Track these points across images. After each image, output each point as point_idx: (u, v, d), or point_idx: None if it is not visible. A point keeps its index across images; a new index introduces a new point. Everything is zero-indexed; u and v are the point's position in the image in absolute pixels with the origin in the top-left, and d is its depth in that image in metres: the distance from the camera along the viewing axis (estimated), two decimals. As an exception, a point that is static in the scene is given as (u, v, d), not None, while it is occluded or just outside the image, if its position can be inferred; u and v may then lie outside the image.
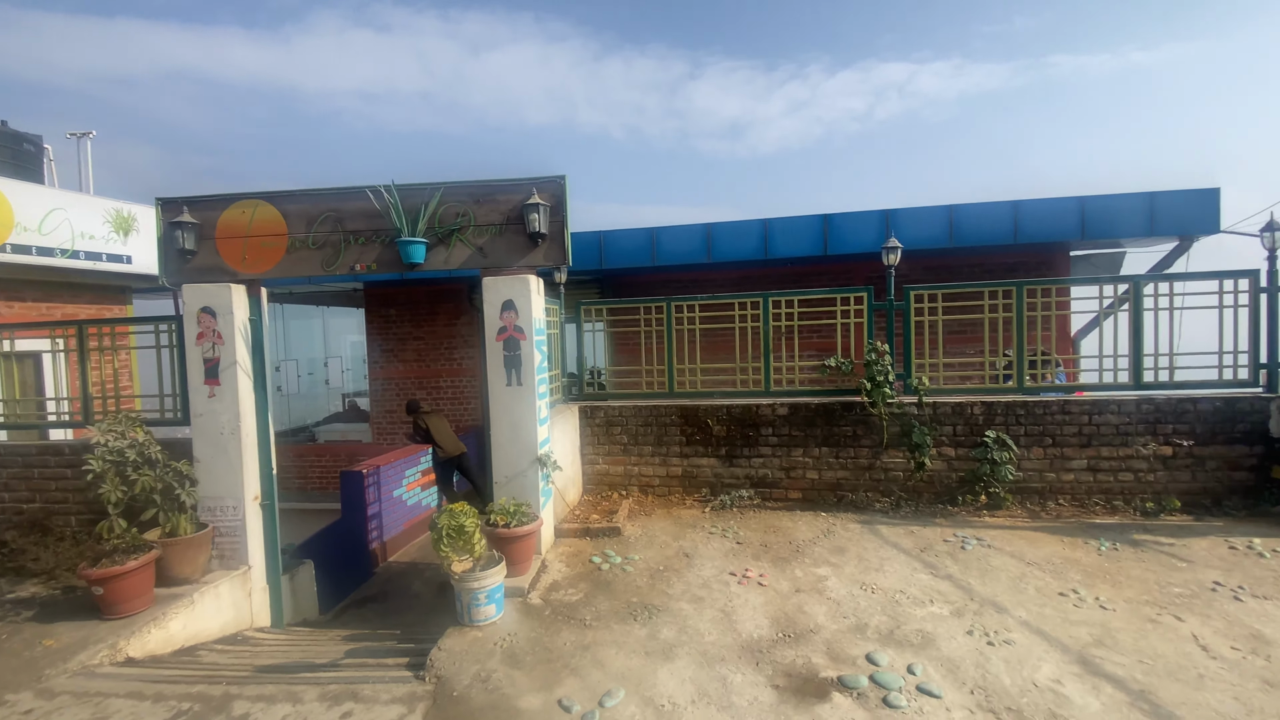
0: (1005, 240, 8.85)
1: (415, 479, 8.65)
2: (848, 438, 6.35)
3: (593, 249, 10.26)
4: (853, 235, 9.18)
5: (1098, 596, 4.07)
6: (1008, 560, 4.72)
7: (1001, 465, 5.72)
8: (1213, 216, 8.15)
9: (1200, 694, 3.06)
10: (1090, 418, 5.88)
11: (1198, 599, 4.03)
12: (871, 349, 6.21)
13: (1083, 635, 3.62)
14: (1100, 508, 5.77)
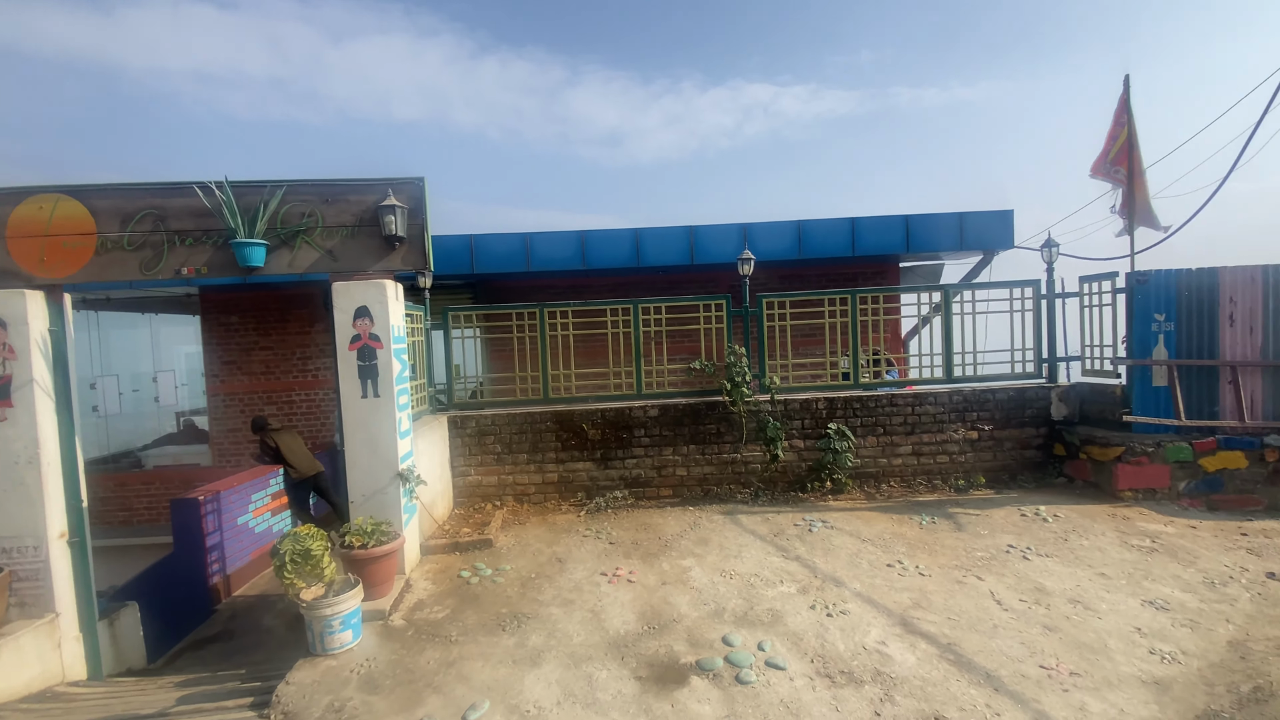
0: (845, 253, 9.82)
1: (264, 503, 7.88)
2: (712, 435, 6.73)
3: (463, 253, 9.97)
4: (715, 246, 9.72)
5: (918, 565, 4.66)
6: (847, 539, 5.25)
7: (842, 454, 6.35)
8: (1008, 234, 9.63)
9: (994, 641, 3.62)
10: (914, 409, 6.71)
11: (995, 560, 4.75)
12: (731, 352, 6.63)
13: (904, 600, 4.13)
14: (923, 487, 6.60)
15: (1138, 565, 4.63)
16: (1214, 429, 6.05)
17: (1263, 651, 3.50)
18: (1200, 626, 3.79)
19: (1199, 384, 6.24)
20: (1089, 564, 4.63)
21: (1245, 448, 5.89)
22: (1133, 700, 3.06)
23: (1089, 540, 5.08)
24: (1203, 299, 6.24)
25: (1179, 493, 5.94)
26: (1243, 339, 6.21)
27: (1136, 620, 3.86)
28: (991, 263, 10.20)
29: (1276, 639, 3.63)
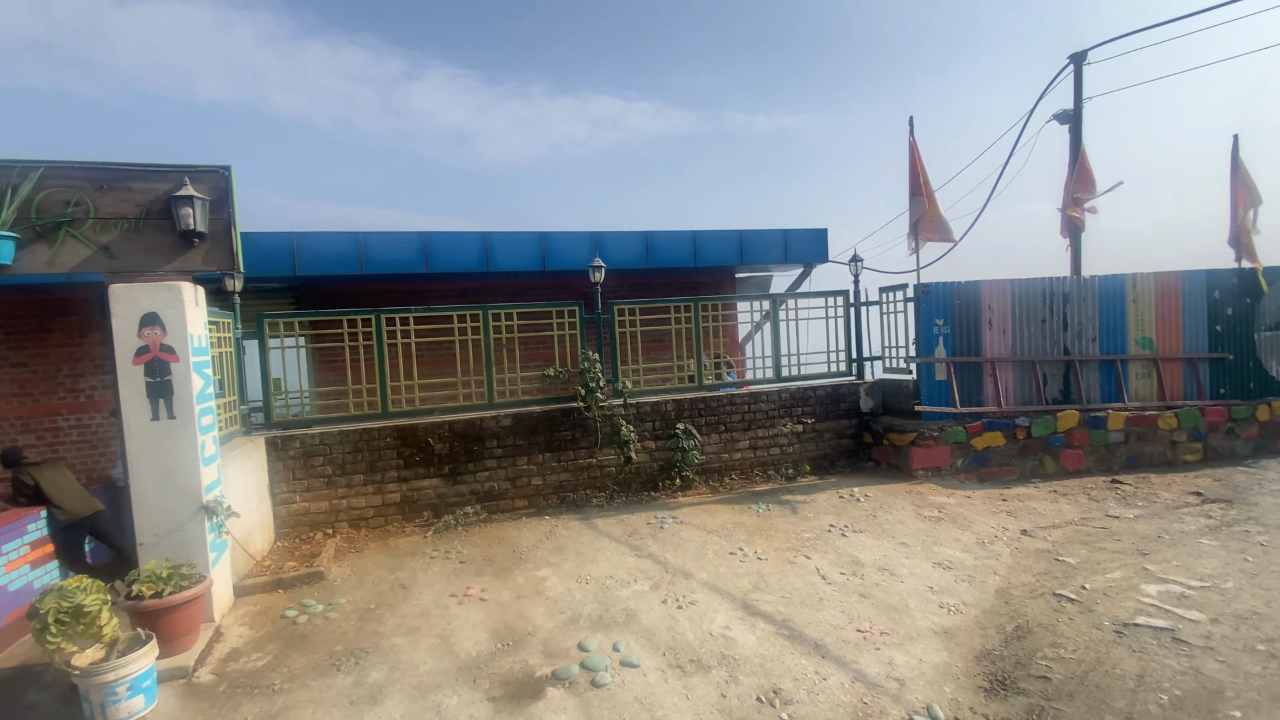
0: (689, 263, 10.40)
1: (21, 554, 6.37)
2: (568, 441, 6.72)
3: (284, 253, 8.95)
4: (567, 253, 9.76)
5: (756, 550, 5.05)
6: (695, 532, 5.54)
7: (689, 452, 6.70)
8: (823, 249, 10.84)
9: (820, 613, 4.03)
10: (750, 406, 7.28)
11: (820, 539, 5.29)
12: (585, 358, 6.69)
13: (745, 584, 4.45)
14: (759, 478, 7.17)
15: (929, 533, 5.43)
16: (980, 414, 7.32)
17: (1020, 596, 4.29)
18: (976, 580, 4.55)
19: (969, 377, 7.51)
20: (893, 535, 5.35)
21: (1003, 428, 7.20)
22: (928, 649, 3.58)
23: (892, 515, 5.87)
24: (970, 307, 7.53)
25: (958, 469, 7.09)
26: (999, 339, 7.60)
27: (929, 580, 4.53)
28: (811, 275, 11.39)
29: (1029, 584, 4.46)
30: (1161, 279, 7.95)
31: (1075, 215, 8.36)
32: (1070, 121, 8.99)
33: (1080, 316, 7.76)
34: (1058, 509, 6.05)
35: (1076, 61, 8.86)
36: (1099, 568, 4.60)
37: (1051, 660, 3.41)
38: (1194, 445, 7.60)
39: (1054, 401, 7.63)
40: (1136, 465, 7.42)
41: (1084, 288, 7.82)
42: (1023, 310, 7.66)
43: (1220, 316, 8.11)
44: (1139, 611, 3.89)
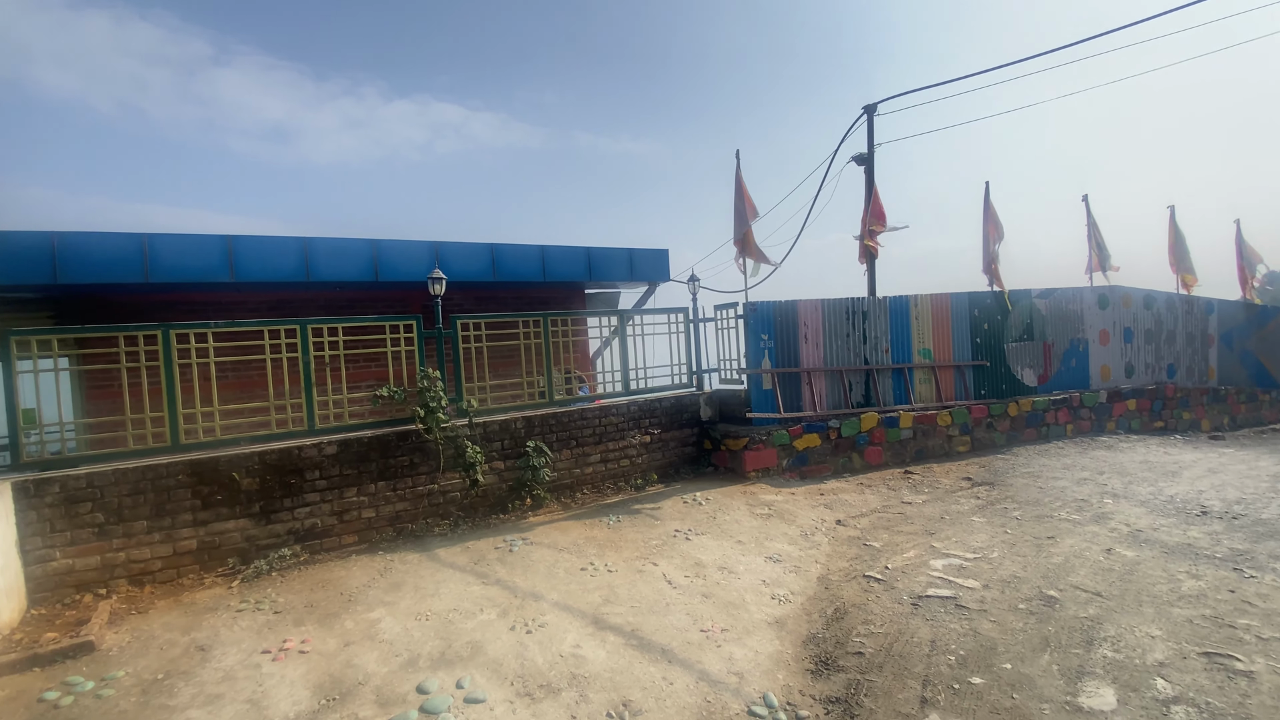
0: (537, 278, 10.32)
1: None
2: (405, 467, 6.27)
3: (42, 257, 7.32)
4: (405, 263, 9.17)
5: (607, 563, 5.09)
6: (545, 552, 5.45)
7: (540, 469, 6.60)
8: (665, 268, 11.38)
9: (667, 619, 4.15)
10: (600, 420, 7.36)
11: (666, 545, 5.48)
12: (424, 376, 6.31)
13: (596, 599, 4.46)
14: (610, 490, 7.27)
15: (762, 530, 5.88)
16: (800, 418, 8.12)
17: (838, 580, 4.80)
18: (801, 570, 5.00)
19: (790, 386, 8.31)
20: (731, 535, 5.71)
21: (819, 430, 8.05)
22: (763, 641, 3.85)
23: (730, 515, 6.27)
24: (789, 323, 8.35)
25: (783, 468, 7.78)
26: (813, 352, 8.51)
27: (763, 574, 4.89)
28: (655, 292, 11.89)
29: (844, 569, 5.00)
30: (935, 299, 9.47)
31: (870, 245, 9.69)
32: (865, 163, 10.42)
33: (876, 331, 8.98)
34: (864, 499, 6.89)
35: (869, 112, 10.32)
36: (898, 549, 5.31)
37: (864, 637, 3.85)
38: (964, 438, 9.11)
39: (858, 405, 8.71)
40: (923, 457, 8.71)
41: (879, 306, 9.07)
42: (832, 326, 8.66)
43: (980, 330, 9.86)
44: (929, 584, 4.55)
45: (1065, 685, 3.19)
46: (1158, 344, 11.81)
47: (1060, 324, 10.64)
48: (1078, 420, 10.21)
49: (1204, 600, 4.09)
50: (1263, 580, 4.38)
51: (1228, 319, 12.99)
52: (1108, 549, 5.06)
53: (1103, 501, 6.39)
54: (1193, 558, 4.83)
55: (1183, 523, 5.66)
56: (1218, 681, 3.18)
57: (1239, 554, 4.88)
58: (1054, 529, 5.61)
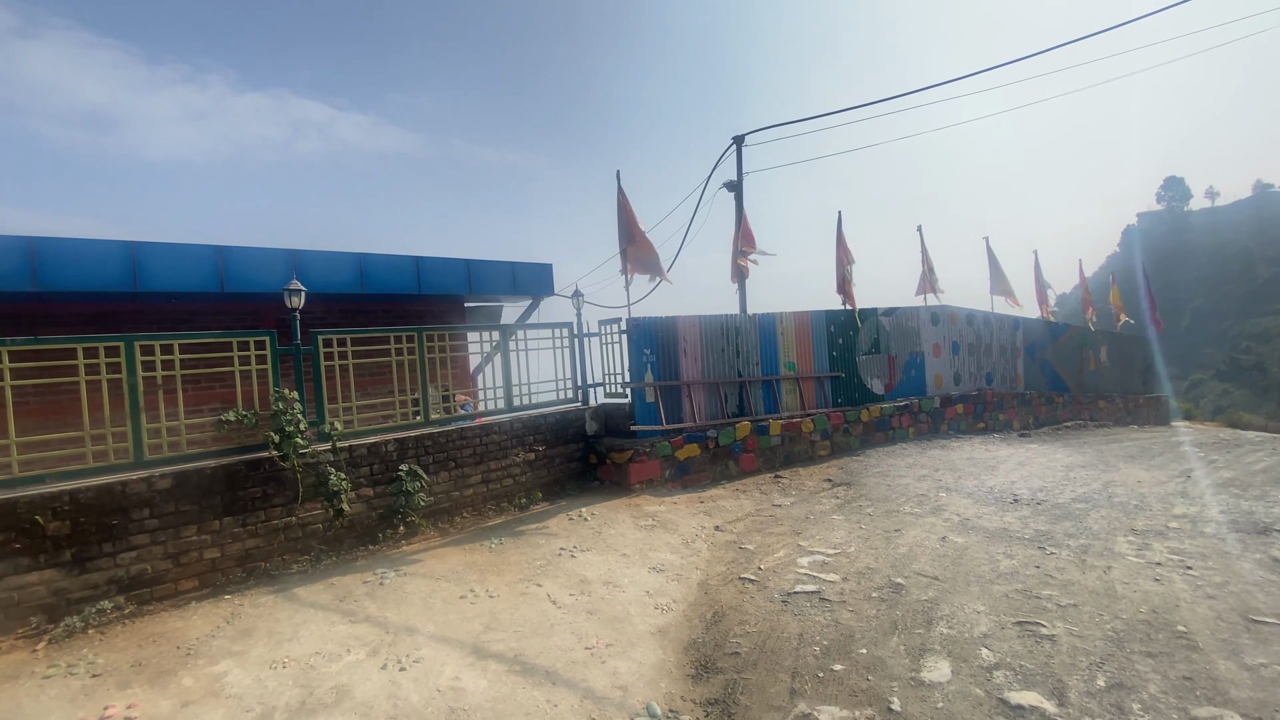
0: (412, 290, 9.84)
1: None
2: (257, 500, 5.67)
3: None
4: (257, 273, 8.34)
5: (488, 589, 4.94)
6: (421, 582, 5.17)
7: (414, 494, 6.26)
8: (549, 283, 11.34)
9: (551, 640, 4.10)
10: (481, 439, 7.14)
11: (551, 565, 5.42)
12: (279, 397, 5.76)
13: (476, 627, 4.30)
14: (493, 511, 7.06)
15: (646, 541, 6.01)
16: (682, 429, 8.42)
17: (716, 584, 5.01)
18: (683, 577, 5.17)
19: (672, 398, 8.60)
20: (616, 549, 5.77)
21: (698, 441, 8.40)
22: (647, 652, 3.93)
23: (615, 529, 6.34)
24: (670, 338, 8.66)
25: (666, 479, 8.02)
26: (692, 365, 8.88)
27: (646, 585, 5.00)
28: (540, 306, 11.79)
29: (722, 573, 5.24)
30: (798, 317, 10.29)
31: (741, 265, 10.34)
32: (735, 190, 11.13)
33: (748, 346, 9.56)
34: (740, 504, 7.28)
35: (737, 142, 11.05)
36: (769, 550, 5.66)
37: (740, 637, 4.06)
38: (825, 442, 9.93)
39: (733, 415, 9.20)
40: (790, 462, 9.37)
41: (750, 323, 9.67)
42: (709, 341, 9.11)
43: (836, 345, 10.82)
44: (797, 581, 4.89)
45: (910, 663, 3.57)
46: (978, 356, 13.65)
47: (902, 339, 11.97)
48: (918, 424, 11.51)
49: (1017, 576, 4.78)
50: (1060, 555, 5.20)
51: (1031, 334, 15.34)
52: (943, 537, 5.75)
53: (938, 495, 7.25)
54: (1008, 540, 5.62)
55: (1000, 510, 6.58)
56: (1028, 646, 3.73)
57: (1042, 534, 5.76)
58: (900, 522, 6.27)
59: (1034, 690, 3.26)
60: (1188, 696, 3.18)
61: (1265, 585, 4.49)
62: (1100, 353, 17.93)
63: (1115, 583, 4.60)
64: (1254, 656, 3.52)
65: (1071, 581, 4.64)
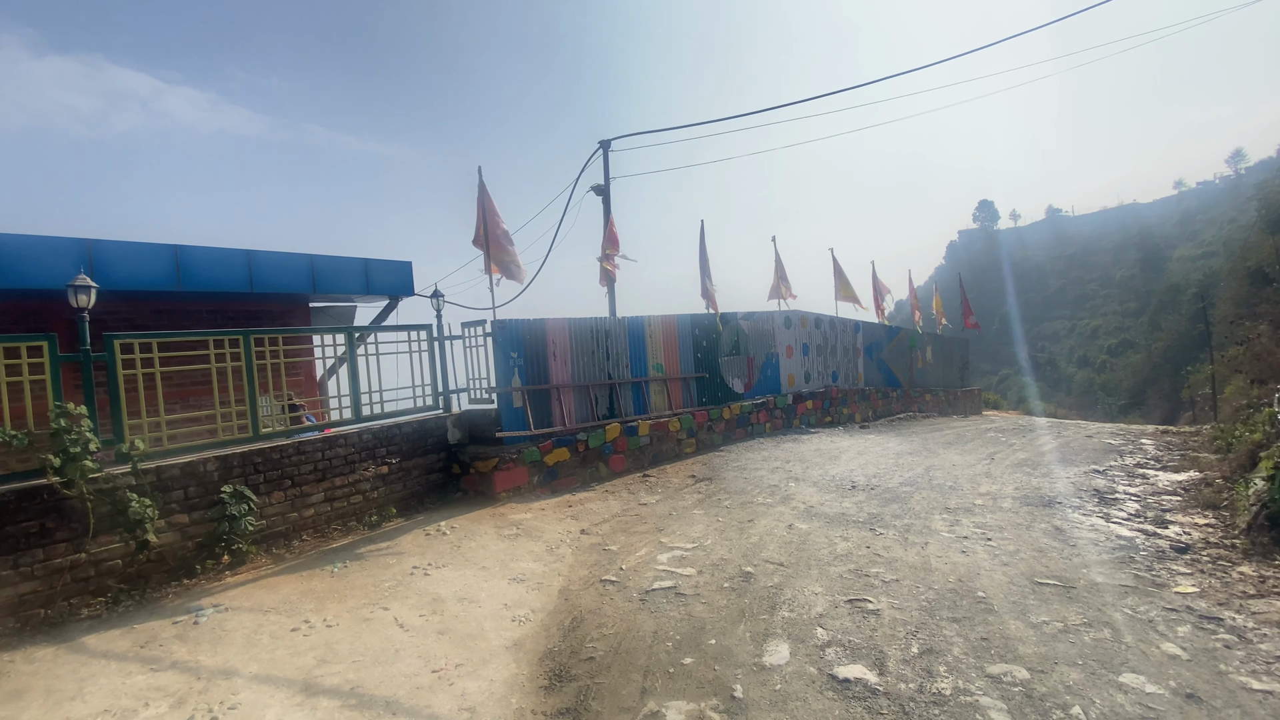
0: (243, 288, 8.79)
1: None
2: (33, 536, 4.73)
3: None
4: (35, 267, 6.99)
5: (325, 618, 4.50)
6: (245, 617, 4.60)
7: (241, 519, 5.57)
8: (409, 282, 10.67)
9: (395, 667, 3.82)
10: (323, 453, 6.53)
11: (401, 585, 5.07)
12: (60, 413, 4.86)
13: (309, 661, 3.90)
14: (338, 532, 6.48)
15: (508, 551, 5.83)
16: (551, 434, 8.31)
17: (577, 589, 4.96)
18: (544, 585, 5.07)
19: (540, 402, 8.45)
20: (475, 562, 5.54)
21: (568, 444, 8.33)
22: (500, 667, 3.78)
23: (476, 541, 6.09)
24: (538, 341, 8.51)
25: (534, 485, 7.85)
26: (562, 368, 8.79)
27: (505, 597, 4.83)
28: (398, 307, 11.06)
29: (584, 577, 5.20)
30: (665, 321, 10.58)
31: (609, 268, 10.44)
32: (602, 194, 11.22)
33: (617, 349, 9.66)
34: (607, 506, 7.31)
35: (604, 146, 11.16)
36: (632, 549, 5.72)
37: (597, 640, 4.04)
38: (691, 440, 10.29)
39: (603, 417, 9.25)
40: (659, 460, 9.59)
41: (619, 326, 9.78)
42: (578, 344, 9.07)
43: (700, 347, 11.27)
44: (656, 578, 4.98)
45: (754, 649, 3.76)
46: (825, 356, 14.90)
47: (759, 341, 12.75)
48: (773, 419, 12.32)
49: (850, 557, 5.23)
50: (887, 536, 5.77)
51: (869, 336, 17.02)
52: (789, 525, 6.16)
53: (788, 485, 7.78)
54: (845, 524, 6.14)
55: (840, 497, 7.19)
56: (856, 622, 4.07)
57: (874, 517, 6.37)
58: (753, 513, 6.64)
59: (860, 663, 3.56)
60: (984, 655, 3.63)
61: (1048, 551, 5.30)
62: (926, 352, 20.33)
63: (931, 557, 5.19)
64: (1038, 615, 4.11)
65: (896, 559, 5.17)
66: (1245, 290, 17.90)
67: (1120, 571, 4.81)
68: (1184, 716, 3.00)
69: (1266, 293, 14.37)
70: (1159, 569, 4.84)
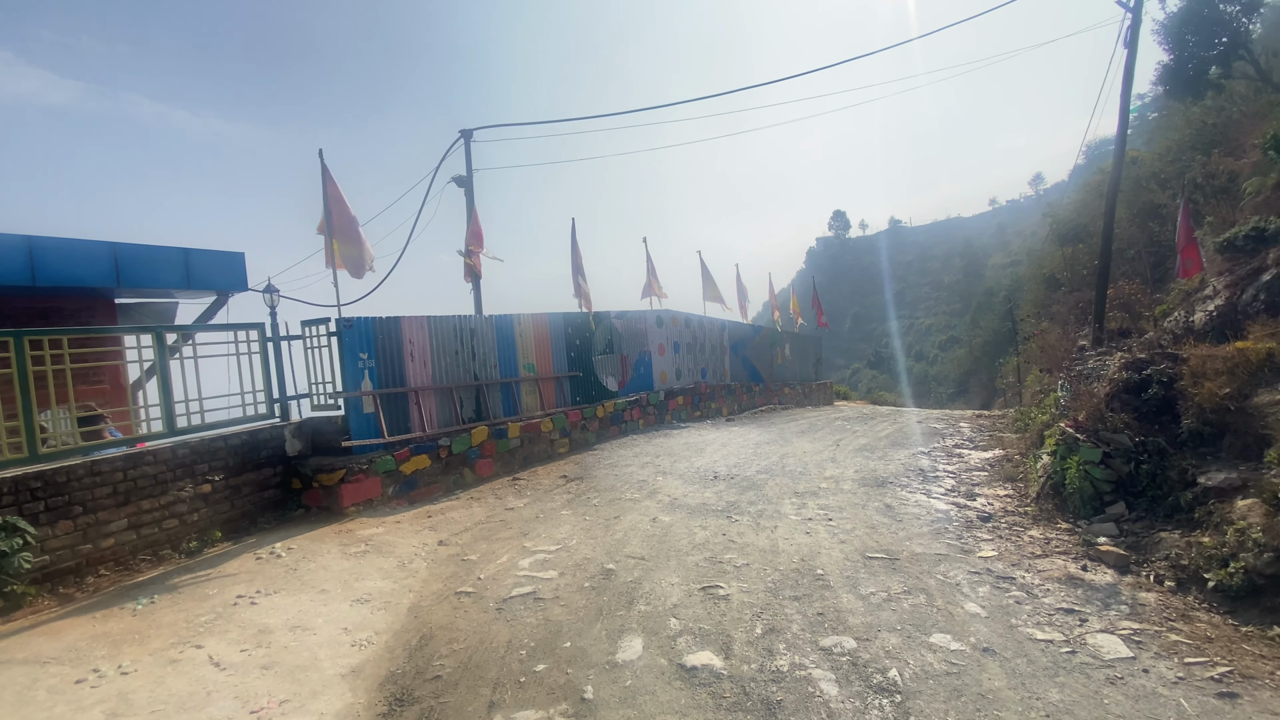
0: (23, 280, 7.35)
1: None
2: None
3: None
4: None
5: (121, 664, 3.86)
6: (17, 672, 3.82)
7: (11, 556, 4.63)
8: (241, 276, 9.50)
9: (206, 711, 3.36)
10: (126, 473, 5.61)
11: (221, 619, 4.48)
12: None
13: (95, 717, 3.31)
14: (147, 563, 5.61)
15: (353, 570, 5.37)
16: (408, 440, 7.80)
17: (429, 605, 4.68)
18: (392, 604, 4.72)
19: (396, 407, 7.91)
20: (314, 585, 5.04)
21: (429, 450, 7.87)
22: (333, 699, 3.45)
23: (316, 562, 5.55)
24: (392, 340, 7.96)
25: (389, 496, 7.33)
26: (421, 370, 8.30)
27: (346, 621, 4.44)
28: (228, 304, 9.84)
29: (438, 591, 4.92)
30: (536, 319, 10.38)
31: (472, 264, 10.05)
32: (465, 185, 10.77)
33: (485, 348, 9.32)
34: (471, 513, 7.01)
35: (466, 137, 10.71)
36: (493, 557, 5.51)
37: (446, 657, 3.82)
38: (564, 440, 10.18)
39: (469, 420, 8.87)
40: (530, 462, 9.38)
41: (486, 324, 9.44)
42: (440, 343, 8.62)
43: (574, 346, 11.19)
44: (515, 585, 4.83)
45: (609, 647, 3.76)
46: (695, 354, 15.47)
47: (632, 339, 12.93)
48: (646, 416, 12.56)
49: (707, 546, 5.42)
50: (742, 522, 6.05)
51: (735, 335, 17.92)
52: (654, 518, 6.27)
53: (656, 479, 7.94)
54: (705, 514, 6.37)
55: (702, 487, 7.45)
56: (707, 609, 4.21)
57: (731, 505, 6.66)
58: (621, 509, 6.68)
59: (708, 649, 3.68)
60: (819, 629, 3.90)
61: (879, 528, 5.83)
62: (786, 349, 21.81)
63: (779, 540, 5.52)
64: (867, 587, 4.49)
65: (748, 544, 5.43)
66: (1041, 294, 21.12)
67: (936, 541, 5.41)
68: (981, 669, 3.41)
69: (1057, 295, 17.06)
70: (967, 537, 5.52)
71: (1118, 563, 4.73)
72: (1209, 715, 2.95)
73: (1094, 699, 3.10)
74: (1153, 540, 4.88)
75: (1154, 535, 4.94)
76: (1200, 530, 4.63)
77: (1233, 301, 7.08)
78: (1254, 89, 13.26)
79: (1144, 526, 5.13)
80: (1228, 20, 11.85)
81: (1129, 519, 5.31)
